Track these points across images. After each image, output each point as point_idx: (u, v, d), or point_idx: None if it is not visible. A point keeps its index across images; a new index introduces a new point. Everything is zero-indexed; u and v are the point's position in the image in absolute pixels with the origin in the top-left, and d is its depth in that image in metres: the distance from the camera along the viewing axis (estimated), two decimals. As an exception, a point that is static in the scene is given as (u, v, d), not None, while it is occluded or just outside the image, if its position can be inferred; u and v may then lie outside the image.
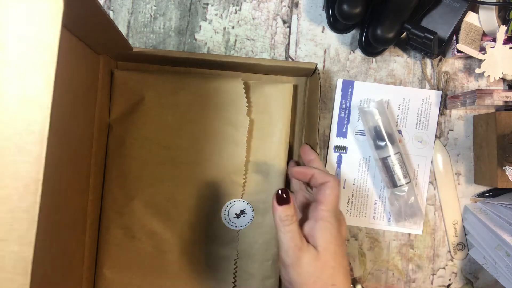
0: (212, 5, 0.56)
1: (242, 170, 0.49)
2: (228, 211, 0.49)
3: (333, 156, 0.55)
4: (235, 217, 0.49)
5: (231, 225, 0.50)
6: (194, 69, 0.53)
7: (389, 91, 0.55)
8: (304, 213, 0.44)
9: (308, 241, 0.38)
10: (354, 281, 0.55)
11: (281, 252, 0.38)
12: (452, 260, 0.56)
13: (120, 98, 0.49)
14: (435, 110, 0.55)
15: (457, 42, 0.51)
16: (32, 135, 0.26)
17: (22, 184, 0.26)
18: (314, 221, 0.39)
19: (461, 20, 0.50)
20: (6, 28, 0.26)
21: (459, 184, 0.56)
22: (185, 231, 0.49)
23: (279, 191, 0.39)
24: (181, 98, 0.49)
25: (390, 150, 0.51)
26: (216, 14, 0.56)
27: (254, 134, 0.50)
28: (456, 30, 0.51)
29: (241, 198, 0.49)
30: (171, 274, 0.49)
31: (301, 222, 0.41)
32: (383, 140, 0.52)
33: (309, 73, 0.52)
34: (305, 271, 0.37)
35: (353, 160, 0.55)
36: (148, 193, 0.49)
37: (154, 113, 0.49)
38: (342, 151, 0.55)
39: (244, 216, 0.50)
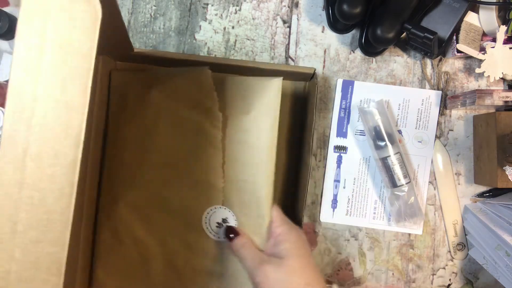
0: (212, 5, 0.56)
1: (220, 173, 0.46)
2: (209, 219, 0.46)
3: (333, 156, 0.55)
4: (217, 227, 0.46)
5: (214, 235, 0.46)
6: None
7: (389, 91, 0.55)
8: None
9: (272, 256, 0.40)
10: (328, 282, 0.55)
11: (249, 275, 0.40)
12: (452, 260, 0.56)
13: (116, 99, 0.48)
14: (435, 110, 0.55)
15: (457, 42, 0.51)
16: (68, 139, 0.27)
17: (57, 187, 0.27)
18: (273, 239, 0.41)
19: (461, 20, 0.50)
20: (48, 35, 0.28)
21: (459, 184, 0.56)
22: (168, 239, 0.46)
23: (226, 231, 0.43)
24: (155, 96, 0.47)
25: (390, 150, 0.51)
26: (216, 14, 0.56)
27: (233, 134, 0.47)
28: (456, 30, 0.51)
29: (222, 205, 0.46)
30: (157, 285, 0.46)
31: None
32: (383, 140, 0.52)
33: (308, 78, 0.51)
34: (272, 279, 0.37)
35: (353, 160, 0.55)
36: (132, 196, 0.47)
37: (138, 114, 0.47)
38: (342, 151, 0.55)
39: (226, 225, 0.46)
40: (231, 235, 0.42)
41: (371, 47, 0.54)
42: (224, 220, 0.46)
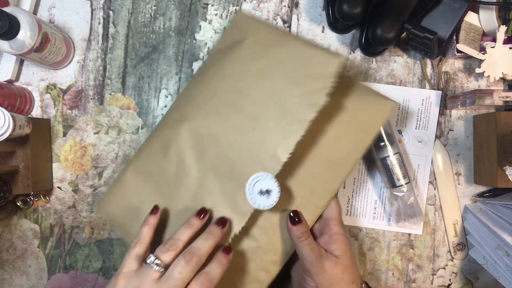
0: (212, 5, 0.56)
1: (291, 146, 0.43)
2: (254, 183, 0.44)
3: (333, 156, 0.55)
4: (258, 193, 0.44)
5: (251, 198, 0.44)
6: None
7: (389, 91, 0.55)
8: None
9: (326, 251, 0.44)
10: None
11: (305, 263, 0.43)
12: (452, 260, 0.56)
13: (228, 33, 0.51)
14: (435, 110, 0.55)
15: (457, 42, 0.51)
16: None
17: None
18: (328, 236, 0.45)
19: (461, 20, 0.50)
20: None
21: (459, 184, 0.56)
22: (209, 177, 0.46)
23: (291, 213, 0.44)
24: (271, 53, 0.46)
25: (389, 150, 0.51)
26: (216, 14, 0.56)
27: (325, 124, 0.46)
28: (456, 30, 0.51)
29: (274, 176, 0.43)
30: (175, 207, 0.47)
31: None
32: (382, 140, 0.52)
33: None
34: (329, 274, 0.43)
35: (353, 160, 0.55)
36: (198, 123, 0.47)
37: (243, 58, 0.47)
38: (342, 151, 0.55)
39: (267, 197, 0.43)
40: (296, 219, 0.44)
41: (371, 47, 0.54)
42: (268, 191, 0.44)
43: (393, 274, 0.56)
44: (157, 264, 0.39)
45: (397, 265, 0.56)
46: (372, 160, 0.55)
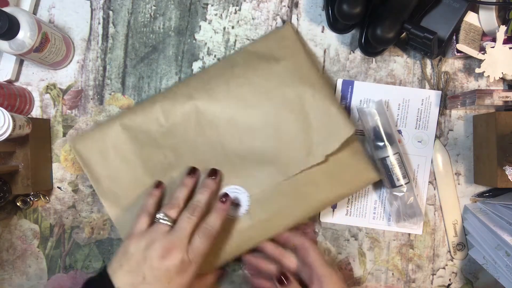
0: (212, 5, 0.56)
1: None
2: (230, 192, 0.50)
3: (333, 156, 0.55)
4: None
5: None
6: None
7: (389, 91, 0.55)
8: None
9: None
10: None
11: None
12: (452, 260, 0.56)
13: (269, 42, 0.53)
14: (435, 110, 0.55)
15: (457, 42, 0.51)
16: None
17: None
18: (317, 282, 0.47)
19: (461, 20, 0.50)
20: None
21: (459, 184, 0.56)
22: (195, 163, 0.50)
23: (280, 276, 0.48)
24: (300, 90, 0.50)
25: (389, 150, 0.51)
26: (216, 14, 0.56)
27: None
28: (456, 30, 0.51)
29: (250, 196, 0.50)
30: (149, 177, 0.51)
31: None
32: (382, 140, 0.52)
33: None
34: None
35: (353, 160, 0.55)
36: (202, 106, 0.49)
37: (273, 79, 0.51)
38: (342, 151, 0.55)
39: (234, 207, 0.50)
40: (283, 279, 0.48)
41: (371, 47, 0.54)
42: (237, 205, 0.50)
43: (393, 274, 0.56)
44: (166, 220, 0.44)
45: (397, 265, 0.56)
46: (372, 160, 0.55)
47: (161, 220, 0.45)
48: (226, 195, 0.48)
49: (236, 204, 0.50)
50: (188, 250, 0.43)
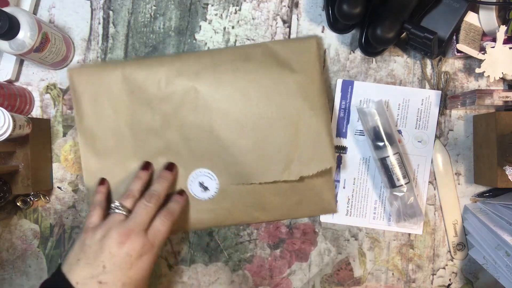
0: (212, 5, 0.56)
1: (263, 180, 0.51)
2: (201, 174, 0.52)
3: (333, 156, 0.55)
4: (198, 184, 0.52)
5: (190, 184, 0.52)
6: None
7: (389, 91, 0.55)
8: None
9: None
10: None
11: None
12: (452, 260, 0.56)
13: (290, 48, 0.53)
14: (435, 110, 0.55)
15: (457, 42, 0.51)
16: None
17: None
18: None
19: (461, 20, 0.50)
20: None
21: (459, 184, 0.56)
22: (187, 142, 0.51)
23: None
24: (306, 106, 0.51)
25: (389, 150, 0.51)
26: (216, 14, 0.56)
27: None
28: (456, 30, 0.51)
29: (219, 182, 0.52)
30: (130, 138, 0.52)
31: None
32: (382, 140, 0.52)
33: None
34: None
35: (353, 160, 0.55)
36: (205, 89, 0.50)
37: (284, 88, 0.52)
38: (342, 151, 0.55)
39: (202, 191, 0.52)
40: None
41: (371, 47, 0.54)
42: (206, 188, 0.52)
43: (393, 274, 0.56)
44: (120, 209, 0.45)
45: (397, 265, 0.56)
46: (372, 160, 0.55)
47: (116, 210, 0.45)
48: (183, 191, 0.51)
49: (205, 187, 0.51)
50: (148, 233, 0.44)
